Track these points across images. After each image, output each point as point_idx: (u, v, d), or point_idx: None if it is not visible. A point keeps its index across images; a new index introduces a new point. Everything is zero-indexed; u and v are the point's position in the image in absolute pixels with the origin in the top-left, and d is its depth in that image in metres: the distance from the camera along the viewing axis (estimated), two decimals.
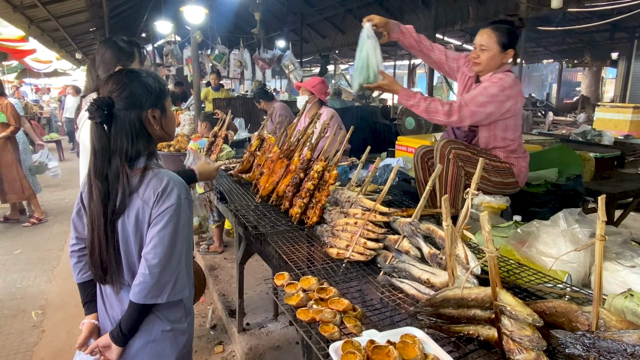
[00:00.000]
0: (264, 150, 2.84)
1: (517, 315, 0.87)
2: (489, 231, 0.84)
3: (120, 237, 1.37)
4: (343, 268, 1.51)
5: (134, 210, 1.34)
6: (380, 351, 0.94)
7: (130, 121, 1.33)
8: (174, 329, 1.49)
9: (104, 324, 1.54)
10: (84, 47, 12.32)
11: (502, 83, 2.13)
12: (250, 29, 10.22)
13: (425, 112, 2.14)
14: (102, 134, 1.32)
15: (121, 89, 1.33)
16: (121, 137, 1.32)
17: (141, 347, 1.45)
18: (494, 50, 2.16)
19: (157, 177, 1.36)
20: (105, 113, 1.29)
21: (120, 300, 1.47)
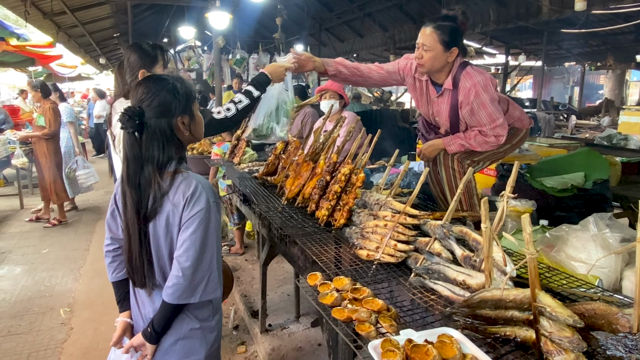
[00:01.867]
0: (288, 153, 2.88)
1: (557, 317, 0.88)
2: (530, 233, 0.85)
3: (152, 240, 1.42)
4: (373, 269, 1.53)
5: (164, 213, 1.39)
6: (419, 350, 0.95)
7: (161, 129, 1.36)
8: (203, 327, 1.54)
9: (136, 322, 1.60)
10: (107, 52, 12.65)
11: (481, 87, 2.06)
12: (269, 34, 10.35)
13: (479, 145, 2.15)
14: (134, 142, 1.35)
15: (151, 98, 1.36)
16: (153, 145, 1.35)
17: (172, 344, 1.50)
18: (437, 49, 2.07)
19: (187, 181, 1.40)
20: (137, 123, 1.32)
21: (152, 300, 1.52)
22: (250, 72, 9.89)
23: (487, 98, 2.07)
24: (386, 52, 11.83)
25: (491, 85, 2.09)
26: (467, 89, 2.08)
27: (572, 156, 3.50)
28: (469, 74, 2.09)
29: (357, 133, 2.78)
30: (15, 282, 4.12)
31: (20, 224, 5.92)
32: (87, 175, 5.88)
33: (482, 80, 2.07)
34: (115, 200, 1.53)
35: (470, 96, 2.07)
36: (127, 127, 1.32)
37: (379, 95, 11.40)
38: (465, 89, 2.08)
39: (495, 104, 2.09)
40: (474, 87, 2.05)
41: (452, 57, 2.11)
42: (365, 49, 12.10)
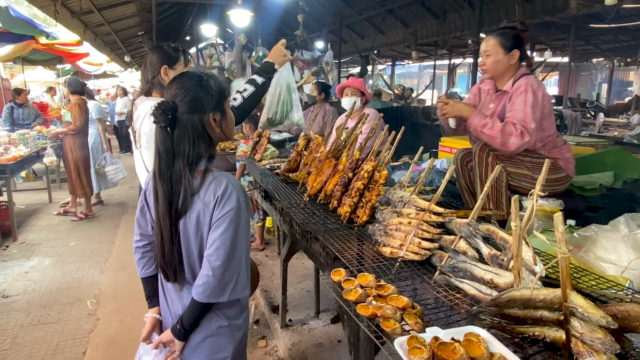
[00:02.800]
0: (310, 150, 2.89)
1: (590, 317, 0.87)
2: (562, 232, 0.84)
3: (182, 238, 1.43)
4: (397, 267, 1.53)
5: (195, 212, 1.39)
6: (446, 348, 0.95)
7: (193, 125, 1.37)
8: (231, 324, 1.55)
9: (165, 318, 1.62)
10: (132, 50, 12.90)
11: (530, 88, 2.14)
12: (290, 31, 10.37)
13: (501, 132, 2.12)
14: (166, 137, 1.36)
15: (184, 93, 1.37)
16: (184, 141, 1.36)
17: (200, 342, 1.52)
18: (498, 53, 2.24)
19: (217, 180, 1.40)
20: (169, 117, 1.33)
21: (181, 297, 1.54)
22: None
23: (530, 99, 2.13)
24: (407, 49, 11.73)
25: (542, 95, 2.17)
26: (519, 85, 2.19)
27: (601, 155, 3.41)
28: (529, 78, 2.21)
29: (380, 130, 2.77)
30: (44, 274, 4.26)
31: (49, 217, 6.12)
32: (115, 170, 6.03)
33: (536, 85, 2.17)
34: (145, 196, 1.53)
35: (518, 90, 2.17)
36: (160, 121, 1.33)
37: (399, 92, 11.31)
38: (517, 85, 2.20)
39: (536, 111, 2.12)
40: (526, 85, 2.16)
41: (514, 60, 2.24)
42: (386, 46, 12.02)
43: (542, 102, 2.17)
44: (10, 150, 5.52)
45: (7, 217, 5.21)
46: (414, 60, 14.38)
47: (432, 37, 10.07)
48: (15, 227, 5.22)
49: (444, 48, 12.11)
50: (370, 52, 13.36)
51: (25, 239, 5.24)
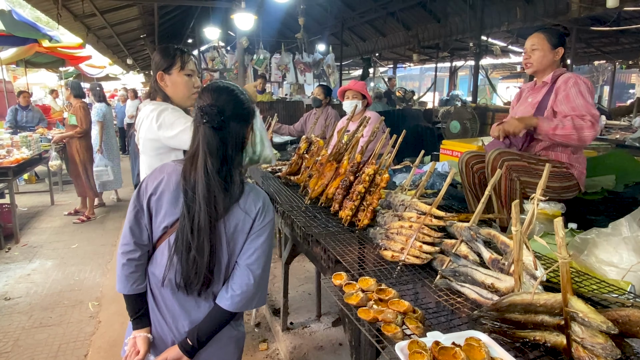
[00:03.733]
0: (312, 153, 2.90)
1: (590, 322, 0.87)
2: (563, 237, 0.84)
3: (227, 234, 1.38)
4: (398, 271, 1.53)
5: (234, 219, 1.37)
6: (447, 352, 0.95)
7: (239, 133, 1.39)
8: (238, 333, 1.55)
9: (162, 337, 1.48)
10: (134, 53, 12.94)
11: (580, 79, 2.20)
12: (292, 34, 10.40)
13: (574, 128, 2.12)
14: (213, 137, 1.34)
15: (233, 102, 1.38)
16: (229, 146, 1.36)
17: (211, 354, 1.47)
18: (545, 48, 2.28)
19: (256, 191, 1.44)
20: (221, 119, 1.33)
21: (187, 311, 1.45)
22: (273, 72, 9.96)
23: (585, 89, 2.17)
24: (409, 51, 11.74)
25: (589, 89, 2.21)
26: (566, 77, 2.23)
27: (602, 158, 3.40)
28: (573, 73, 2.26)
29: (381, 133, 2.77)
30: (46, 276, 4.27)
31: (51, 219, 6.13)
32: (100, 172, 6.09)
33: (583, 78, 2.21)
34: (138, 199, 1.43)
35: (568, 83, 2.20)
36: (212, 121, 1.32)
37: (401, 94, 11.32)
38: (564, 78, 2.24)
39: (592, 100, 2.18)
40: (574, 77, 2.21)
41: (558, 57, 2.29)
42: (388, 48, 12.03)
43: (592, 95, 2.22)
44: (12, 152, 5.54)
45: (9, 220, 5.22)
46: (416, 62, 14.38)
47: (433, 40, 10.08)
48: (17, 230, 5.23)
49: (446, 50, 12.11)
50: (372, 55, 13.37)
51: (27, 241, 5.26)
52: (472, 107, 5.23)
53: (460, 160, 2.54)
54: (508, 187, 2.21)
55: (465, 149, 3.61)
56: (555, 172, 2.25)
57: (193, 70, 2.03)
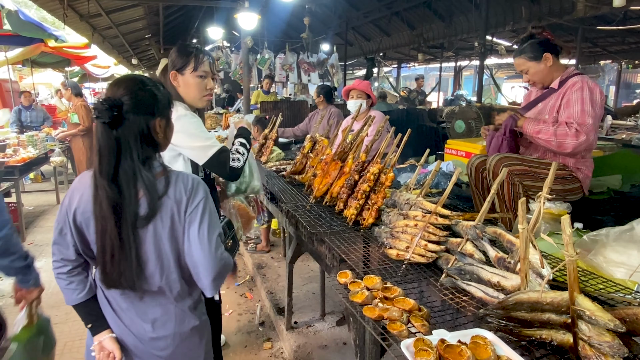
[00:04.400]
0: (316, 152, 2.90)
1: (597, 321, 0.86)
2: (570, 235, 0.83)
3: (152, 241, 1.35)
4: (403, 269, 1.53)
5: (167, 212, 1.34)
6: (452, 350, 0.95)
7: (140, 125, 1.31)
8: (200, 323, 1.53)
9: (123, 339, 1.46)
10: (139, 53, 13.00)
11: (587, 85, 2.15)
12: (296, 34, 10.40)
13: (554, 135, 2.13)
14: (108, 134, 1.28)
15: (134, 94, 1.32)
16: (130, 140, 1.29)
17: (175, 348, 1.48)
18: (530, 64, 2.29)
19: (182, 177, 1.39)
20: (114, 114, 1.26)
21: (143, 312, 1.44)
22: (277, 72, 9.97)
23: (587, 95, 2.13)
24: (413, 51, 11.72)
25: (598, 94, 2.16)
26: (574, 82, 2.20)
27: (608, 157, 3.38)
28: (582, 76, 2.21)
29: (386, 133, 2.77)
30: (52, 274, 4.28)
31: None
32: None
33: (591, 83, 2.17)
34: (61, 215, 1.41)
35: (574, 87, 2.18)
36: (103, 117, 1.26)
37: (405, 94, 11.30)
38: (572, 82, 2.21)
39: (594, 107, 2.12)
40: (582, 82, 2.17)
41: (550, 62, 2.26)
42: (392, 48, 12.01)
43: (600, 100, 2.16)
44: (19, 152, 5.58)
45: (15, 218, 5.25)
46: (420, 62, 14.36)
47: (438, 40, 10.05)
48: (23, 228, 5.27)
49: (450, 50, 12.09)
50: (376, 55, 13.35)
51: (33, 239, 5.29)
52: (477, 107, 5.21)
53: (469, 164, 2.54)
54: (511, 191, 2.21)
55: (470, 148, 3.60)
56: (558, 175, 2.25)
57: (207, 72, 2.00)
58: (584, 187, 2.36)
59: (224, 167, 1.94)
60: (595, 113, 2.12)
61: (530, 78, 2.34)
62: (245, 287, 4.22)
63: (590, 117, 2.09)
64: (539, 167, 2.27)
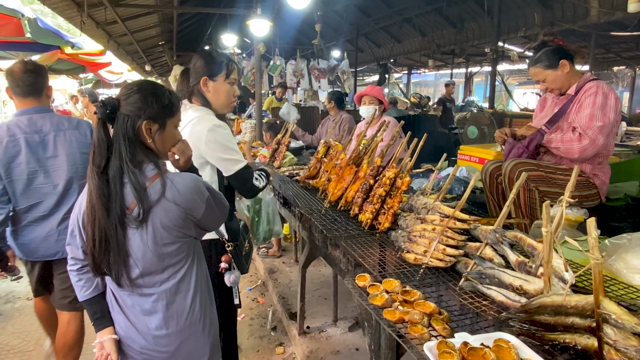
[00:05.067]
0: (330, 157, 2.92)
1: (624, 324, 0.86)
2: (596, 237, 0.83)
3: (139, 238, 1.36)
4: (421, 273, 1.53)
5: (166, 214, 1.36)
6: (476, 353, 0.95)
7: (125, 126, 1.35)
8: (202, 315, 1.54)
9: (132, 337, 1.48)
10: (152, 60, 13.19)
11: (601, 91, 2.14)
12: (307, 40, 10.47)
13: (561, 141, 2.18)
14: (102, 129, 1.36)
15: (128, 95, 1.38)
16: (118, 139, 1.34)
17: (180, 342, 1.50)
18: (548, 73, 2.28)
19: (180, 176, 1.43)
20: (107, 112, 1.34)
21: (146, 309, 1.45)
22: (288, 78, 10.04)
23: (600, 100, 2.12)
24: (424, 57, 11.71)
25: (613, 99, 2.15)
26: (589, 87, 2.20)
27: (625, 164, 3.35)
28: (598, 81, 2.22)
29: (400, 138, 2.78)
30: None
31: None
32: None
33: (606, 88, 2.17)
34: (71, 218, 1.48)
35: (588, 92, 2.18)
36: (99, 113, 1.35)
37: (416, 100, 11.28)
38: (587, 87, 2.21)
39: (606, 112, 2.12)
40: (597, 87, 2.17)
41: (567, 69, 2.27)
42: (403, 54, 12.03)
43: (615, 105, 2.15)
44: None
45: None
46: (431, 68, 14.35)
47: (449, 46, 10.05)
48: None
49: (461, 56, 12.07)
50: (387, 61, 13.38)
51: None
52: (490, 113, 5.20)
53: (483, 170, 2.53)
54: (527, 197, 2.21)
55: (484, 154, 3.59)
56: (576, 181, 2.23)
57: (235, 79, 2.07)
58: (601, 193, 2.34)
59: (246, 183, 2.00)
60: (608, 118, 2.11)
61: (549, 86, 2.33)
62: (257, 291, 4.23)
63: (598, 121, 2.09)
64: (555, 172, 2.26)
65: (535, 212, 2.19)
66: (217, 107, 2.06)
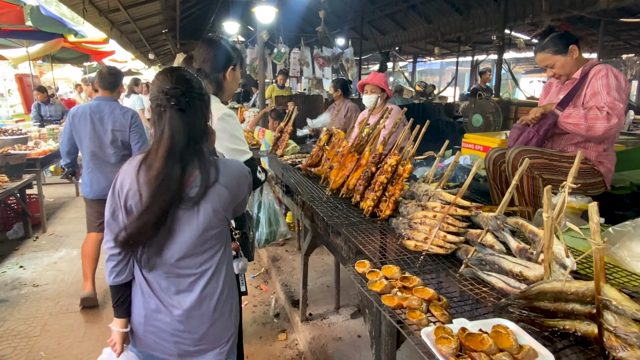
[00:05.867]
0: (332, 144, 2.90)
1: (625, 311, 0.85)
2: (597, 222, 0.82)
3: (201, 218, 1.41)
4: (421, 260, 1.52)
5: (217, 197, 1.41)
6: (474, 339, 0.94)
7: (202, 110, 1.43)
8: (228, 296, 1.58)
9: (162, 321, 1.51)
10: (156, 48, 13.12)
11: (612, 73, 2.12)
12: (311, 28, 10.36)
13: (585, 118, 2.10)
14: (179, 118, 1.36)
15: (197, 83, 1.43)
16: (197, 122, 1.40)
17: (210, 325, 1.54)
18: (556, 59, 2.25)
19: (231, 162, 1.51)
20: (186, 101, 1.36)
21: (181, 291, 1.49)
22: (292, 66, 9.96)
23: (613, 83, 2.09)
24: (429, 45, 11.58)
25: (623, 82, 2.12)
26: (597, 70, 2.16)
27: (631, 152, 3.31)
28: (606, 64, 2.18)
29: (403, 125, 2.75)
30: (72, 264, 4.39)
31: (77, 210, 6.29)
32: None
33: (615, 70, 2.14)
34: (113, 198, 1.46)
35: (598, 75, 2.14)
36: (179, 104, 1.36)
37: (421, 89, 11.18)
38: (595, 71, 2.17)
39: (621, 93, 2.09)
40: (606, 69, 2.14)
41: (576, 54, 2.23)
42: (408, 42, 11.89)
43: (626, 88, 2.13)
44: (40, 144, 5.70)
45: (37, 210, 5.38)
46: (436, 56, 14.18)
47: (455, 33, 9.91)
48: (44, 219, 5.39)
49: (467, 44, 11.92)
50: (391, 49, 13.24)
51: (53, 230, 5.41)
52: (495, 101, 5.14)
53: (487, 157, 2.51)
54: (531, 185, 2.18)
55: (488, 142, 3.56)
56: (580, 169, 2.20)
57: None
58: (606, 181, 2.31)
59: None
60: (623, 100, 2.09)
61: (557, 72, 2.29)
62: (260, 279, 4.25)
63: (619, 102, 2.06)
64: (560, 160, 2.23)
65: (539, 200, 2.16)
66: (228, 96, 2.14)
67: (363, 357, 2.88)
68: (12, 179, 4.60)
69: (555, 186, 2.22)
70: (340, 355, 2.92)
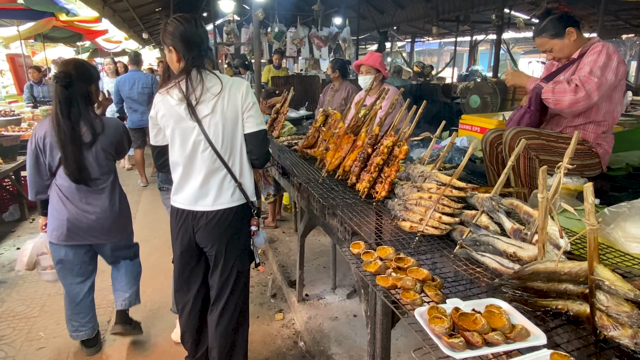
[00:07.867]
0: (329, 125, 2.88)
1: (617, 290, 0.85)
2: (592, 203, 0.81)
3: (93, 153, 2.34)
4: (416, 241, 1.52)
5: (105, 141, 2.36)
6: (467, 319, 0.95)
7: (82, 87, 2.29)
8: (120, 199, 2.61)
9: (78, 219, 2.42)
10: (149, 27, 12.85)
11: (606, 50, 2.07)
12: (307, 7, 10.17)
13: (552, 92, 2.09)
14: (63, 92, 2.22)
15: (77, 68, 2.30)
16: (78, 95, 2.27)
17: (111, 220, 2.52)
18: (555, 42, 2.22)
19: (110, 119, 2.48)
20: (68, 81, 2.22)
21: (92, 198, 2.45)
22: (288, 46, 9.81)
23: (602, 59, 2.05)
24: (428, 25, 11.41)
25: (615, 62, 2.07)
26: (594, 47, 2.14)
27: (628, 133, 3.31)
28: (606, 43, 2.14)
29: (400, 106, 2.73)
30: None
31: None
32: None
33: (611, 49, 2.10)
34: (32, 143, 2.34)
35: (592, 52, 2.12)
36: (61, 82, 2.22)
37: (419, 69, 11.06)
38: (593, 47, 2.14)
39: (605, 72, 2.04)
40: (602, 46, 2.11)
41: (574, 36, 2.20)
42: (406, 21, 11.72)
43: (616, 67, 2.07)
44: (33, 126, 5.63)
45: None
46: (435, 36, 14.00)
47: (453, 12, 9.76)
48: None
49: (466, 24, 11.75)
50: (389, 29, 13.04)
51: None
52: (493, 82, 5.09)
53: (484, 138, 2.49)
54: (527, 165, 2.17)
55: (485, 124, 3.54)
56: (578, 150, 2.19)
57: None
58: (603, 162, 2.31)
59: (266, 145, 2.11)
60: (605, 77, 2.03)
61: (556, 56, 2.26)
62: None
63: (595, 77, 2.01)
64: (557, 141, 2.22)
65: (535, 181, 2.16)
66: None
67: (359, 336, 2.92)
68: (6, 160, 4.56)
69: (552, 167, 2.21)
70: (336, 334, 2.96)
